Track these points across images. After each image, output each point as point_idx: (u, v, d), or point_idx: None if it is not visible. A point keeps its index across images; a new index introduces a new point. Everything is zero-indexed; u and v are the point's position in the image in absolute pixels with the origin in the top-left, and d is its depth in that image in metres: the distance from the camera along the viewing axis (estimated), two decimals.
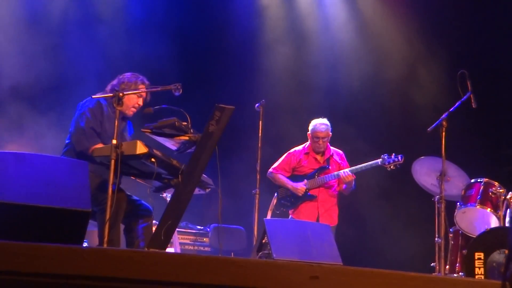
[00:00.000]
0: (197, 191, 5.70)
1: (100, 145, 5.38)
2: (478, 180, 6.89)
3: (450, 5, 9.54)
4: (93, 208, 5.04)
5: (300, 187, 7.50)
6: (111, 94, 5.34)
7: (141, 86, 5.78)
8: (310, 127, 7.59)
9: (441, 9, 9.60)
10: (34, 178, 4.33)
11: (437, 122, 6.41)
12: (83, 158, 5.28)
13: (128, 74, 5.85)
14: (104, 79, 6.17)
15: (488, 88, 8.60)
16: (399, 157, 7.39)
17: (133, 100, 5.74)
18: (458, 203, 6.92)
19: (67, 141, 5.66)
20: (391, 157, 7.38)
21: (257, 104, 7.14)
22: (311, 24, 10.14)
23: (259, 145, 6.98)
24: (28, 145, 8.01)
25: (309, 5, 10.17)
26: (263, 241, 5.79)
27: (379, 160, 7.41)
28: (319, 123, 7.54)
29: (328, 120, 7.61)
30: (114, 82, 5.80)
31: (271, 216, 7.61)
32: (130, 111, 5.78)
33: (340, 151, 7.76)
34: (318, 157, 7.62)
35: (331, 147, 7.68)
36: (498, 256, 6.10)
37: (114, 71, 6.13)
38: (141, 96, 5.78)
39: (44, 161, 4.50)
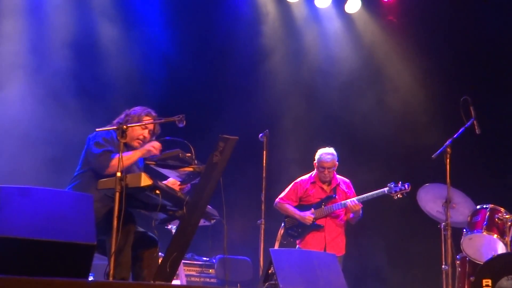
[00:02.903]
0: (202, 222, 5.69)
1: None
2: (484, 206, 6.86)
3: (454, 30, 9.59)
4: (102, 236, 5.02)
5: (308, 216, 7.45)
6: (116, 127, 5.35)
7: (145, 117, 5.74)
8: (316, 157, 7.56)
9: (445, 34, 9.66)
10: (38, 212, 4.33)
11: (442, 148, 6.42)
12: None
13: (136, 108, 5.84)
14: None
15: (492, 113, 8.60)
16: (406, 186, 7.32)
17: (137, 132, 5.70)
18: (464, 230, 6.88)
19: (75, 174, 5.60)
20: (397, 186, 7.32)
21: (260, 134, 7.15)
22: (316, 57, 10.18)
23: (264, 175, 6.97)
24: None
25: (314, 38, 10.23)
26: (270, 271, 5.75)
27: (385, 189, 7.36)
28: (325, 153, 7.51)
29: (333, 148, 7.59)
30: (122, 116, 5.79)
31: (279, 247, 7.57)
32: (136, 143, 5.71)
33: (347, 180, 7.72)
34: (325, 186, 7.58)
35: (338, 176, 7.65)
36: (506, 283, 6.05)
37: (118, 106, 6.15)
38: (146, 127, 5.76)
39: (48, 195, 4.51)
